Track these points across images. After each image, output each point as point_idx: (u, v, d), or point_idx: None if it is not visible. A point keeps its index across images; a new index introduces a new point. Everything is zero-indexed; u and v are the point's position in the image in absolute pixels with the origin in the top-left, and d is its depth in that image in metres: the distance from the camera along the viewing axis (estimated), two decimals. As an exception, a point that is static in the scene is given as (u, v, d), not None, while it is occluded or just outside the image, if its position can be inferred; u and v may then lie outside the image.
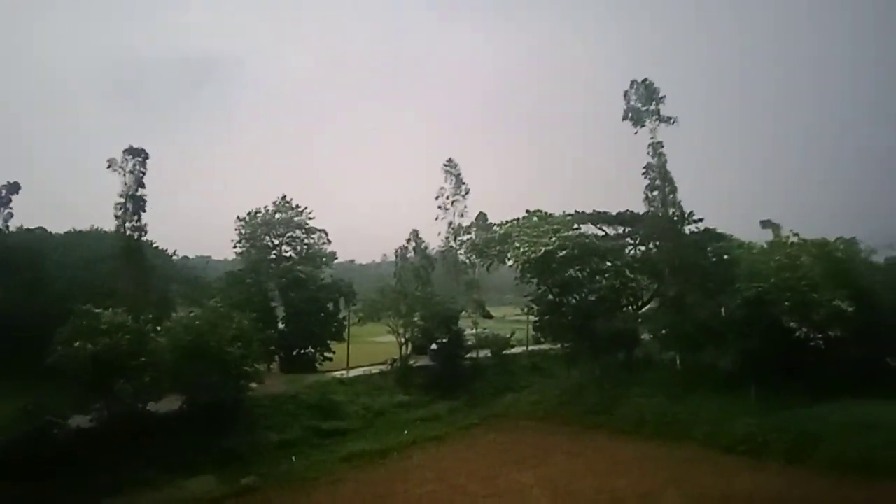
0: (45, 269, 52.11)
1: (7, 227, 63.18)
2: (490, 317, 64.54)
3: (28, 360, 34.80)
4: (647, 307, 53.04)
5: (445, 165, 63.52)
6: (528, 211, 56.20)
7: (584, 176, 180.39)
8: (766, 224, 53.04)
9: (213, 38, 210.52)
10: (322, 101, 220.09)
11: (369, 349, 56.89)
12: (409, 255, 66.70)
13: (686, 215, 50.19)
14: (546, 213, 55.41)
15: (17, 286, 48.76)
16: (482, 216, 65.56)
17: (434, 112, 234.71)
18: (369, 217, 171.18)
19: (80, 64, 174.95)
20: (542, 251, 48.63)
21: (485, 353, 56.46)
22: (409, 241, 66.23)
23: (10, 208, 63.09)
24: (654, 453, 35.57)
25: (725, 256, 48.68)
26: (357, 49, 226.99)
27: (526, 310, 58.25)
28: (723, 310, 43.79)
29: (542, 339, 57.67)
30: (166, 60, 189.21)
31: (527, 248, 49.97)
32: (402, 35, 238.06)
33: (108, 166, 47.54)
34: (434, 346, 52.33)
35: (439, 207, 62.73)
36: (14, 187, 63.07)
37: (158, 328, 37.92)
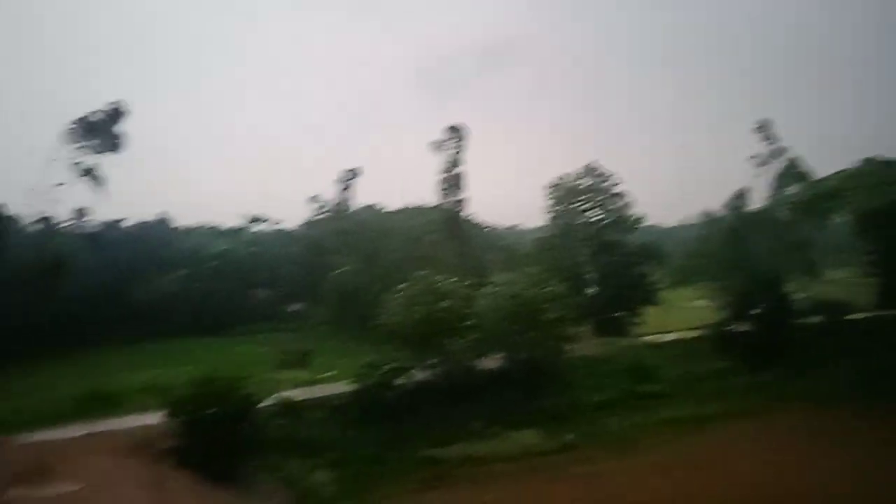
0: (382, 240, 59.48)
1: (351, 206, 73.55)
2: (821, 279, 58.01)
3: (370, 320, 40.12)
4: None
5: (759, 128, 58.27)
6: (865, 160, 49.21)
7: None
8: None
9: (511, 21, 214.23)
10: (609, 71, 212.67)
11: (682, 314, 55.01)
12: (723, 215, 62.51)
13: None
14: (889, 159, 47.93)
15: (360, 255, 56.53)
16: (794, 164, 59.00)
17: (731, 64, 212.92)
18: (668, 177, 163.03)
19: (396, 56, 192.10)
20: (882, 203, 42.21)
21: (816, 319, 50.82)
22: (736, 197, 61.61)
23: (353, 190, 73.34)
24: None
25: None
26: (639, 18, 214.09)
27: (865, 271, 51.07)
28: None
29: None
30: (467, 45, 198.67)
31: (864, 202, 43.82)
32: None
33: (435, 147, 52.32)
34: (755, 311, 48.59)
35: (759, 165, 57.84)
36: (355, 172, 73.05)
37: (478, 291, 40.92)
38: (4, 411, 31.19)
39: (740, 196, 59.44)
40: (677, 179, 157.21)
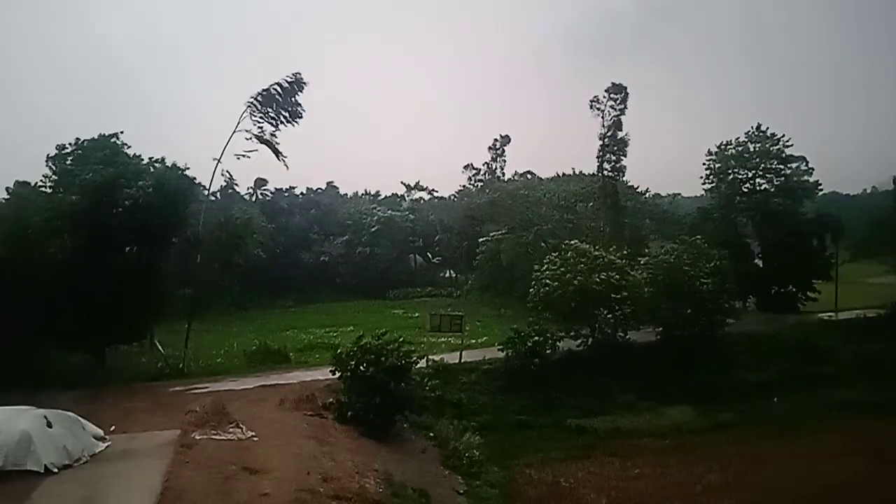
0: (535, 208, 59.27)
1: (503, 174, 74.03)
2: None
3: (523, 288, 40.35)
4: None
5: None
6: None
7: None
8: None
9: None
10: (780, 23, 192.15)
11: (862, 290, 50.64)
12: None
13: None
14: None
15: (513, 224, 56.74)
16: None
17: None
18: (853, 139, 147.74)
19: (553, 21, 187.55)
20: None
21: None
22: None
23: (505, 158, 73.77)
24: None
25: None
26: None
27: None
28: None
29: None
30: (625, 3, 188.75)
31: None
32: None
33: (591, 106, 50.68)
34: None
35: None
36: (506, 140, 73.40)
37: (632, 263, 39.86)
38: (189, 362, 34.85)
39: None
40: (863, 141, 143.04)
